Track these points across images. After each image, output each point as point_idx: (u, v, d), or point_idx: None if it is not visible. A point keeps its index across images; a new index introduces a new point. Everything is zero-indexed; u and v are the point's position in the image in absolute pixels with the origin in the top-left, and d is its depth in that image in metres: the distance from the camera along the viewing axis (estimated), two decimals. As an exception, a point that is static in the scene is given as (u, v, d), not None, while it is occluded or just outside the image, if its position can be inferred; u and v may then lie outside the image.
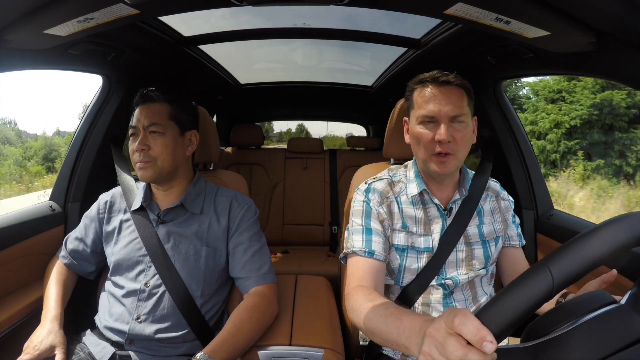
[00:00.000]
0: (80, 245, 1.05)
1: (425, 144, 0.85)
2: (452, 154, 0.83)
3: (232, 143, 2.60)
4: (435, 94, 0.84)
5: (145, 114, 0.95)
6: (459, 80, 0.85)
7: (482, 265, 0.91)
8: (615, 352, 0.40)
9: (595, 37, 0.74)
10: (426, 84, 0.86)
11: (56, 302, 0.97)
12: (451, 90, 0.84)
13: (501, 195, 1.00)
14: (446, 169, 0.84)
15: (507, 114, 1.44)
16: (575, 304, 0.46)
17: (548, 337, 0.44)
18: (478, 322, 0.41)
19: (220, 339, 0.84)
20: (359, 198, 0.93)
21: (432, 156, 0.84)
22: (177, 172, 0.99)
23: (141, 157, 0.93)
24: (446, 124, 0.82)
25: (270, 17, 1.49)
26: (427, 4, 0.80)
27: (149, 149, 0.93)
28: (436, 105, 0.83)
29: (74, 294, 1.07)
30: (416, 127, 0.87)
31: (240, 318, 0.88)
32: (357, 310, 0.73)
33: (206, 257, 0.96)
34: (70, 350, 0.92)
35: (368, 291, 0.77)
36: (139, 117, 0.95)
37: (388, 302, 0.69)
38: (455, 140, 0.83)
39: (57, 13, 0.73)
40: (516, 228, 1.01)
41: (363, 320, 0.69)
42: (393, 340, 0.58)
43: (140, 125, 0.94)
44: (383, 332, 0.62)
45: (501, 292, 0.44)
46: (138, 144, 0.93)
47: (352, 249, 0.88)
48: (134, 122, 0.96)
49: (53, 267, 1.06)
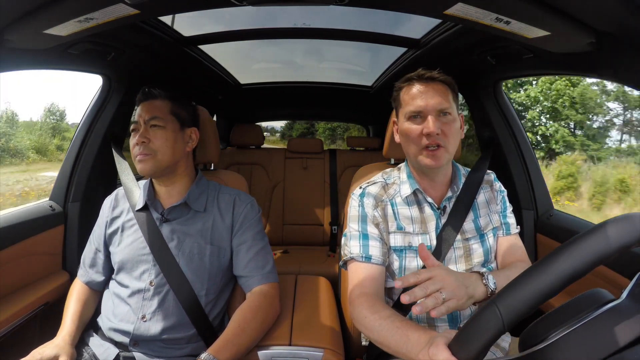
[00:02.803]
0: (98, 255, 1.04)
1: (414, 139, 0.86)
2: (443, 146, 0.84)
3: (232, 143, 2.60)
4: (421, 90, 0.86)
5: (146, 109, 0.97)
6: (442, 76, 0.87)
7: (482, 258, 0.91)
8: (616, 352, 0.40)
9: (595, 37, 0.74)
10: (412, 82, 0.89)
11: (72, 320, 0.96)
12: (436, 86, 0.86)
13: (495, 186, 1.00)
14: (438, 162, 0.85)
15: (507, 114, 1.44)
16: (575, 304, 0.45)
17: (546, 342, 0.43)
18: (447, 354, 0.50)
19: (224, 339, 0.84)
20: (354, 203, 0.95)
21: (422, 150, 0.86)
22: (176, 167, 1.00)
23: (141, 150, 0.94)
24: (434, 117, 0.84)
25: (270, 17, 1.49)
26: (427, 4, 0.80)
27: (149, 142, 0.94)
28: (422, 100, 0.85)
29: None
30: (405, 123, 0.89)
31: (244, 318, 0.88)
32: (362, 321, 0.77)
33: (210, 256, 0.96)
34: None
35: (372, 301, 0.79)
36: (140, 113, 0.97)
37: (392, 315, 0.73)
38: (444, 133, 0.84)
39: (57, 13, 0.73)
40: (503, 218, 0.97)
41: (370, 332, 0.75)
42: (402, 354, 0.66)
43: (142, 119, 0.96)
44: (392, 345, 0.68)
45: (467, 321, 0.49)
46: (139, 137, 0.94)
47: (350, 255, 0.89)
48: (136, 118, 0.97)
49: (75, 285, 1.05)
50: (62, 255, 1.29)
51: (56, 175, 1.36)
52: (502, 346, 0.89)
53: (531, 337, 0.46)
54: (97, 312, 1.02)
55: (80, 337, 0.97)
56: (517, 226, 0.98)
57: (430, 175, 0.92)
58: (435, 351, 0.53)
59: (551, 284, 0.43)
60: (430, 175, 0.92)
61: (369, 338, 0.79)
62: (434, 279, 0.64)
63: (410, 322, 0.71)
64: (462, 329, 0.50)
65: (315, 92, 2.52)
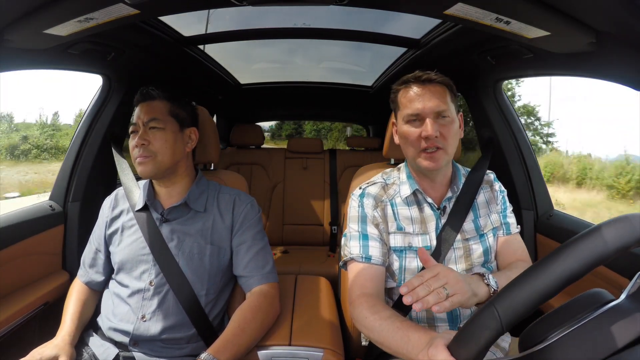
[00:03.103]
0: (98, 255, 1.04)
1: (412, 142, 0.86)
2: (442, 148, 0.84)
3: (232, 143, 2.60)
4: (418, 92, 0.86)
5: (145, 110, 0.96)
6: (440, 78, 0.87)
7: (482, 258, 0.91)
8: (615, 353, 0.40)
9: (595, 37, 0.74)
10: (409, 84, 0.89)
11: (71, 319, 0.96)
12: (434, 88, 0.86)
13: (494, 186, 1.00)
14: (436, 164, 0.85)
15: (507, 114, 1.43)
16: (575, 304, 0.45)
17: (546, 343, 0.43)
18: (447, 354, 0.51)
19: (224, 339, 0.84)
20: (353, 204, 0.95)
21: (420, 152, 0.86)
22: (177, 168, 1.00)
23: (141, 152, 0.93)
24: (432, 120, 0.84)
25: (270, 17, 1.49)
26: (427, 4, 0.80)
27: (148, 144, 0.94)
28: (420, 103, 0.85)
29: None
30: (403, 126, 0.89)
31: (244, 318, 0.88)
32: (362, 321, 0.77)
33: (210, 256, 0.96)
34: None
35: (372, 302, 0.79)
36: (139, 114, 0.97)
37: (392, 315, 0.74)
38: (443, 135, 0.84)
39: (57, 13, 0.73)
40: (503, 218, 0.97)
41: (370, 332, 0.76)
42: (402, 355, 0.66)
43: (140, 121, 0.95)
44: (393, 345, 0.69)
45: (466, 322, 0.50)
46: (138, 139, 0.94)
47: (350, 256, 0.89)
48: (134, 119, 0.97)
49: (75, 285, 1.05)
50: (62, 255, 1.29)
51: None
52: (502, 346, 0.89)
53: (531, 338, 0.46)
54: (96, 312, 1.02)
55: (80, 337, 0.96)
56: (518, 226, 0.97)
57: (430, 176, 0.92)
58: (435, 352, 0.53)
59: (549, 286, 0.43)
60: (430, 176, 0.92)
61: (369, 338, 0.79)
62: (438, 275, 0.64)
63: (411, 322, 0.71)
64: (461, 330, 0.50)
65: (315, 92, 2.52)
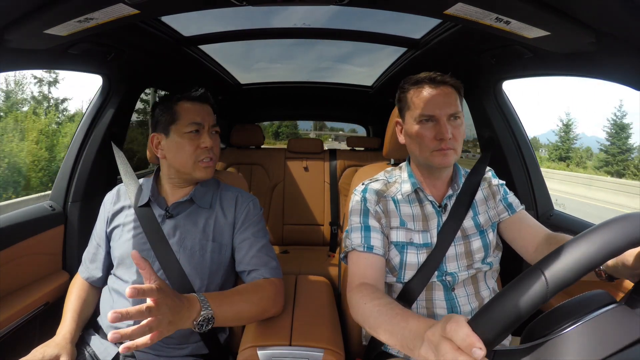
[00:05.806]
0: (99, 250, 1.04)
1: (427, 143, 0.87)
2: (453, 149, 0.87)
3: (232, 143, 2.60)
4: (433, 94, 0.87)
5: (207, 112, 1.00)
6: (452, 80, 0.89)
7: (482, 254, 0.92)
8: (616, 353, 0.40)
9: (595, 37, 0.74)
10: (422, 85, 0.89)
11: (72, 317, 0.96)
12: (447, 89, 0.88)
13: (492, 181, 1.02)
14: (449, 161, 0.87)
15: (507, 114, 1.44)
16: (575, 304, 0.45)
17: (548, 337, 0.44)
18: (468, 329, 0.44)
19: (221, 293, 0.85)
20: (356, 198, 0.96)
21: (433, 151, 0.87)
22: None
23: (209, 155, 0.98)
24: (446, 122, 0.85)
25: (270, 17, 1.49)
26: (427, 4, 0.80)
27: (211, 147, 0.98)
28: (436, 105, 0.86)
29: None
30: (414, 126, 0.89)
31: (245, 288, 0.90)
32: (361, 308, 0.74)
33: (211, 252, 0.97)
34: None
35: (372, 289, 0.78)
36: (203, 116, 0.98)
37: (393, 302, 0.70)
38: (455, 137, 0.86)
39: (57, 13, 0.73)
40: (504, 201, 0.98)
41: (367, 318, 0.71)
42: (398, 340, 0.60)
43: (207, 124, 0.98)
44: (388, 331, 0.64)
45: (494, 298, 0.45)
46: (210, 141, 0.97)
47: (351, 247, 0.89)
48: (199, 119, 0.97)
49: (76, 282, 1.05)
50: (62, 256, 1.29)
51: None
52: (503, 344, 0.89)
53: (534, 333, 0.46)
54: (97, 312, 1.02)
55: (81, 336, 0.97)
56: (522, 204, 0.99)
57: (435, 173, 0.94)
58: (454, 326, 0.45)
59: (595, 254, 0.42)
60: (436, 173, 0.93)
61: (363, 326, 0.75)
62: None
63: (412, 312, 0.69)
64: (488, 304, 0.46)
65: (315, 92, 2.52)
